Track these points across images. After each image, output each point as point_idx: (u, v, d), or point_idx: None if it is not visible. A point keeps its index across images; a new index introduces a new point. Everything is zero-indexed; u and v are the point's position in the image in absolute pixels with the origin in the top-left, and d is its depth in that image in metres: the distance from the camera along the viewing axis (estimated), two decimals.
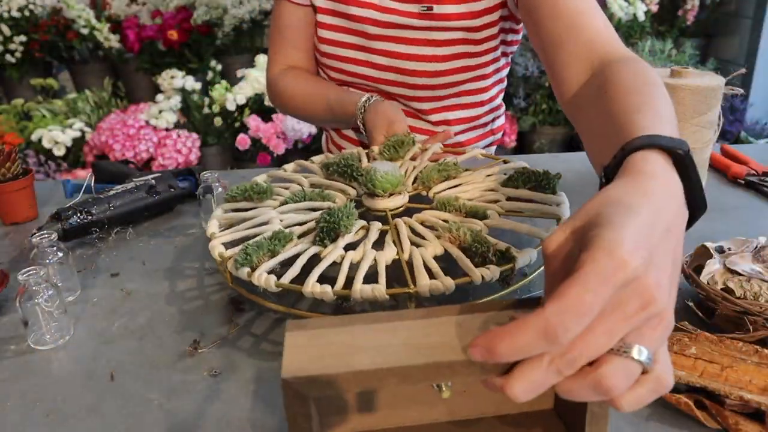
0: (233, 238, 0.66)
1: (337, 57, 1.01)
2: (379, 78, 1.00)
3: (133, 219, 0.85)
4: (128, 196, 0.84)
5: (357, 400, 0.43)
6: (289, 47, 1.06)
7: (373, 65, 0.99)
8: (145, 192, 0.86)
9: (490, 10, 0.93)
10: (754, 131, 2.79)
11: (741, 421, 0.44)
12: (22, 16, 3.00)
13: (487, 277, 0.56)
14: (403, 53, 0.96)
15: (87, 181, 0.93)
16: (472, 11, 0.92)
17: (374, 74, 1.00)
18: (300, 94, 1.04)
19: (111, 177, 0.95)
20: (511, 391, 0.32)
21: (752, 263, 0.57)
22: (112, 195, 0.83)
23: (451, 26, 0.93)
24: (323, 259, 0.60)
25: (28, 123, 2.86)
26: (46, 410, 0.50)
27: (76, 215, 0.78)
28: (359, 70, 1.00)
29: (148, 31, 3.04)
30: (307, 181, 0.80)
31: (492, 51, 0.99)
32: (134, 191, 0.85)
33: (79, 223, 0.78)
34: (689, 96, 0.82)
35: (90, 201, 0.81)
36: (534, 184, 0.71)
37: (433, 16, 0.93)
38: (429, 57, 0.95)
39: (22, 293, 0.57)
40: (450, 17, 0.92)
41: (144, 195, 0.86)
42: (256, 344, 0.58)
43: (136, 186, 0.86)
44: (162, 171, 0.92)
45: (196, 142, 2.84)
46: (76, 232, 0.78)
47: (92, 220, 0.80)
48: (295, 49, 1.06)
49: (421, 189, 0.77)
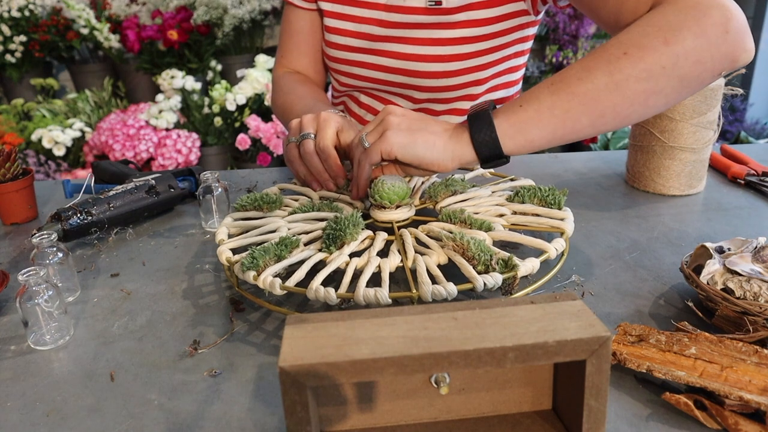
0: (241, 244, 0.68)
1: (346, 61, 1.00)
2: (388, 80, 0.99)
3: (133, 219, 0.85)
4: (128, 197, 0.84)
5: (356, 397, 0.43)
6: (296, 51, 1.07)
7: (381, 68, 0.98)
8: (145, 192, 0.86)
9: (503, 0, 0.90)
10: (754, 131, 2.79)
11: (741, 421, 0.44)
12: (22, 16, 3.00)
13: (489, 284, 0.56)
14: (410, 54, 0.95)
15: (87, 181, 0.93)
16: (482, 1, 0.90)
17: (383, 77, 0.99)
18: (285, 99, 1.03)
19: (111, 177, 0.95)
20: (356, 191, 0.74)
21: (752, 263, 0.58)
22: (112, 195, 0.83)
23: (460, 20, 0.91)
24: (328, 264, 0.61)
25: (28, 123, 2.86)
26: (46, 410, 0.50)
27: (76, 215, 0.78)
28: (368, 73, 1.00)
29: (148, 31, 3.04)
30: (317, 193, 0.82)
31: (504, 48, 0.96)
32: (134, 191, 0.85)
33: (79, 223, 0.78)
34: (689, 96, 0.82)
35: (90, 201, 0.81)
36: (540, 200, 0.73)
37: (441, 11, 0.91)
38: (437, 57, 0.94)
39: (22, 293, 0.57)
40: (458, 10, 0.90)
41: (144, 195, 0.86)
42: (256, 344, 0.58)
43: (136, 186, 0.86)
44: (162, 171, 0.92)
45: (196, 142, 2.84)
46: (76, 233, 0.78)
47: (92, 220, 0.79)
48: (301, 55, 1.06)
49: (428, 203, 0.78)
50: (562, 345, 0.37)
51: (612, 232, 0.78)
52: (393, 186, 0.71)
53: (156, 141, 2.76)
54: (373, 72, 0.99)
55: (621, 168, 1.00)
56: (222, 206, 0.83)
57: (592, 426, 0.39)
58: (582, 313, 0.39)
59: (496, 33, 0.93)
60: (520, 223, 0.70)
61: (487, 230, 0.66)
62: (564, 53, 2.79)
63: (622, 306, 0.61)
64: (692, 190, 0.89)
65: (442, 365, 0.36)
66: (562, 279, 0.67)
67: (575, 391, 0.40)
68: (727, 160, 0.97)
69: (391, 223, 0.71)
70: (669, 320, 0.58)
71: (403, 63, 0.96)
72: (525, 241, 0.65)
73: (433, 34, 0.93)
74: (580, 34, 2.83)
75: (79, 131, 2.81)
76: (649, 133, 0.87)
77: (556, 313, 0.40)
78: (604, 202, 0.87)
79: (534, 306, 0.41)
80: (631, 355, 0.49)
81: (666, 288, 0.64)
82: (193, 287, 0.69)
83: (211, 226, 0.84)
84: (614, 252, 0.72)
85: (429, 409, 0.44)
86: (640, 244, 0.74)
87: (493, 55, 0.95)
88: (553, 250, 0.63)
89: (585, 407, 0.39)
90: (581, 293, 0.64)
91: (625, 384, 0.50)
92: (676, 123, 0.84)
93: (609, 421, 0.46)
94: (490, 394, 0.44)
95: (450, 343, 0.36)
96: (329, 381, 0.36)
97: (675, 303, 0.62)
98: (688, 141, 0.85)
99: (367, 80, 1.01)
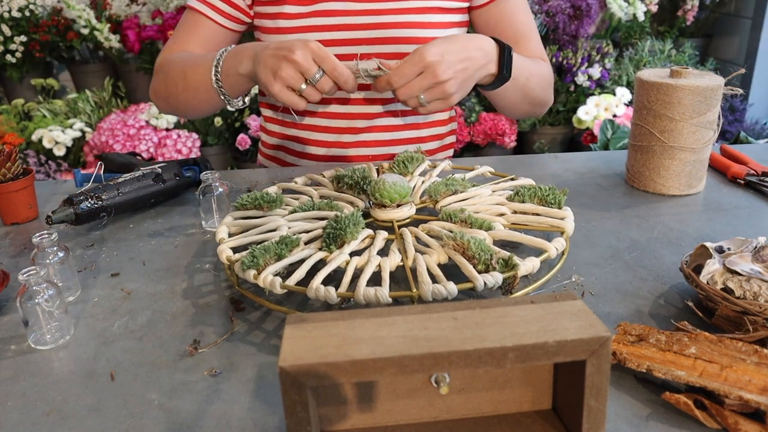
0: (241, 243, 0.68)
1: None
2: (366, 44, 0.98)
3: (141, 204, 0.89)
4: (136, 183, 0.87)
5: (356, 397, 0.43)
6: (192, 45, 1.01)
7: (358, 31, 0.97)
8: (152, 180, 0.89)
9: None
10: (753, 131, 2.79)
11: (740, 421, 0.44)
12: (22, 16, 3.00)
13: (489, 283, 0.56)
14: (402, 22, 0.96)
15: (96, 171, 0.95)
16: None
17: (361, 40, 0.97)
18: (183, 64, 0.94)
19: (119, 167, 0.98)
20: (398, 92, 0.78)
21: (752, 263, 0.58)
22: (121, 182, 0.87)
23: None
24: (328, 263, 0.61)
25: (29, 123, 2.86)
26: (46, 410, 0.50)
27: (87, 200, 0.82)
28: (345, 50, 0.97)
29: (149, 31, 3.04)
30: (317, 192, 0.82)
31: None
32: (142, 179, 0.88)
33: (90, 207, 0.82)
34: (689, 96, 0.83)
35: (100, 187, 0.84)
36: (540, 200, 0.73)
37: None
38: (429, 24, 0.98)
39: (22, 293, 0.57)
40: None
41: (151, 182, 0.89)
42: (256, 344, 0.58)
43: (143, 174, 0.89)
44: (168, 161, 0.95)
45: (196, 142, 2.84)
46: (87, 216, 0.82)
47: (102, 205, 0.83)
48: (198, 48, 1.01)
49: (429, 202, 0.78)
50: (562, 345, 0.37)
51: (612, 232, 0.78)
52: (393, 185, 0.71)
53: (156, 141, 2.76)
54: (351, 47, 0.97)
55: (621, 168, 1.00)
56: (222, 206, 0.83)
57: (592, 426, 0.40)
58: (582, 313, 0.40)
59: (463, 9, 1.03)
60: (521, 223, 0.70)
61: (487, 229, 0.66)
62: (564, 53, 2.79)
63: (622, 306, 0.61)
64: (692, 190, 0.89)
65: (442, 365, 0.36)
66: (562, 279, 0.67)
67: (575, 391, 0.40)
68: (727, 160, 0.97)
69: (392, 222, 0.71)
70: (669, 320, 0.59)
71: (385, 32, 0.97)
72: (525, 240, 0.65)
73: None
74: (580, 34, 2.83)
75: (79, 131, 2.81)
76: (649, 133, 0.87)
77: (556, 313, 0.40)
78: (604, 202, 0.88)
79: (534, 306, 0.41)
80: (631, 355, 0.49)
81: (666, 288, 0.64)
82: (193, 287, 0.69)
83: (211, 225, 0.84)
84: (614, 252, 0.72)
85: (429, 409, 0.44)
86: (640, 244, 0.74)
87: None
88: (554, 250, 0.63)
89: (585, 407, 0.39)
90: (581, 293, 0.64)
91: (625, 384, 0.50)
92: (676, 123, 0.84)
93: (609, 421, 0.46)
94: (490, 394, 0.44)
95: (450, 343, 0.36)
96: (329, 381, 0.36)
97: (675, 303, 0.62)
98: (688, 141, 0.85)
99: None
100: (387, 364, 0.36)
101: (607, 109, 2.66)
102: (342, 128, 1.04)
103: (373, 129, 1.05)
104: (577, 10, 2.81)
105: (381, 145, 1.06)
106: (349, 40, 0.97)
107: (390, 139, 1.06)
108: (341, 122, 1.04)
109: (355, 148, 1.06)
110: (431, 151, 1.11)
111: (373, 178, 0.80)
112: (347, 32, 0.97)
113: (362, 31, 0.97)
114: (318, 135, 1.06)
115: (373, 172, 0.86)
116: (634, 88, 1.21)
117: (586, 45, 2.83)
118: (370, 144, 1.06)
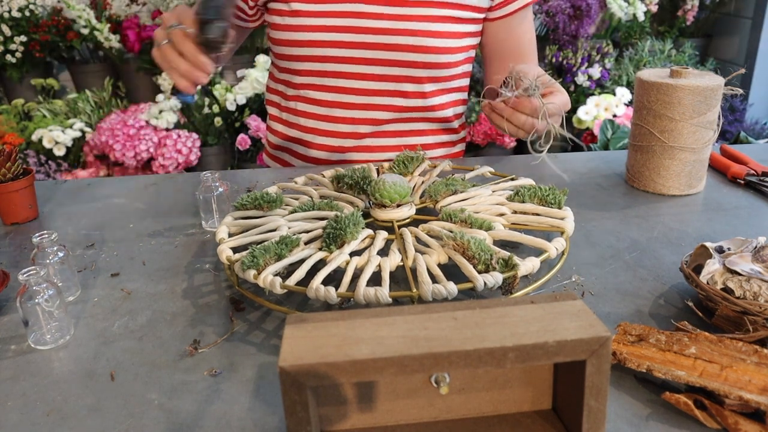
0: (241, 243, 0.68)
1: (319, 43, 0.97)
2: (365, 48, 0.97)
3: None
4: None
5: (356, 397, 0.43)
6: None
7: (361, 38, 0.96)
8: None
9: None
10: (753, 131, 2.79)
11: (740, 421, 0.44)
12: (22, 16, 3.00)
13: (489, 283, 0.56)
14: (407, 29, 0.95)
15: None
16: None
17: (361, 46, 0.97)
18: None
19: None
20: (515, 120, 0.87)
21: (752, 263, 0.58)
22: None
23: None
24: (328, 263, 0.61)
25: (29, 123, 2.86)
26: (46, 410, 0.50)
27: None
28: (345, 52, 0.97)
29: (149, 31, 3.04)
30: (317, 192, 0.82)
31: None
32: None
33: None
34: (689, 96, 0.83)
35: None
36: (540, 200, 0.73)
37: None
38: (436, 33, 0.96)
39: (22, 293, 0.57)
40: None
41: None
42: (256, 344, 0.58)
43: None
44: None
45: (196, 143, 2.84)
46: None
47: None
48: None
49: (429, 202, 0.78)
50: (562, 345, 0.37)
51: (612, 231, 0.78)
52: (394, 185, 0.71)
53: (156, 141, 2.76)
54: (354, 51, 0.97)
55: (621, 168, 1.00)
56: (222, 206, 0.83)
57: (592, 426, 0.40)
58: (582, 313, 0.40)
59: (474, 19, 1.01)
60: (521, 223, 0.70)
61: (487, 229, 0.66)
62: (564, 53, 2.79)
63: (622, 306, 0.61)
64: (692, 190, 0.89)
65: (442, 365, 0.36)
66: (562, 279, 0.67)
67: (575, 391, 0.40)
68: (727, 160, 0.97)
69: (392, 222, 0.71)
70: (669, 320, 0.59)
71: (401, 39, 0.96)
72: (525, 240, 0.65)
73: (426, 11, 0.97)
74: (580, 34, 2.83)
75: (79, 131, 2.81)
76: (649, 133, 0.87)
77: (556, 313, 0.40)
78: (604, 202, 0.88)
79: (534, 306, 0.41)
80: (631, 355, 0.49)
81: (666, 288, 0.64)
82: (193, 287, 0.69)
83: (211, 225, 0.84)
84: (614, 252, 0.72)
85: (429, 409, 0.44)
86: (640, 244, 0.74)
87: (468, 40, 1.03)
88: (554, 250, 0.63)
89: (585, 407, 0.39)
90: (581, 293, 0.64)
91: (625, 384, 0.50)
92: (676, 123, 0.84)
93: (609, 421, 0.46)
94: (490, 394, 0.44)
95: (450, 343, 0.36)
96: (329, 381, 0.36)
97: (675, 303, 0.62)
98: (688, 141, 0.85)
99: (340, 61, 0.98)
100: (387, 364, 0.36)
101: (607, 109, 2.66)
102: (345, 133, 1.04)
103: (379, 135, 1.05)
104: (577, 10, 2.80)
105: (386, 151, 1.06)
106: (359, 43, 0.96)
107: (396, 145, 1.06)
108: (345, 127, 1.04)
109: (359, 153, 1.06)
110: (436, 158, 1.10)
111: (373, 178, 0.80)
112: (358, 35, 0.96)
113: (373, 36, 0.96)
114: (321, 139, 1.06)
115: (373, 172, 0.86)
116: (634, 88, 1.21)
117: (586, 45, 2.83)
118: (374, 149, 1.06)
